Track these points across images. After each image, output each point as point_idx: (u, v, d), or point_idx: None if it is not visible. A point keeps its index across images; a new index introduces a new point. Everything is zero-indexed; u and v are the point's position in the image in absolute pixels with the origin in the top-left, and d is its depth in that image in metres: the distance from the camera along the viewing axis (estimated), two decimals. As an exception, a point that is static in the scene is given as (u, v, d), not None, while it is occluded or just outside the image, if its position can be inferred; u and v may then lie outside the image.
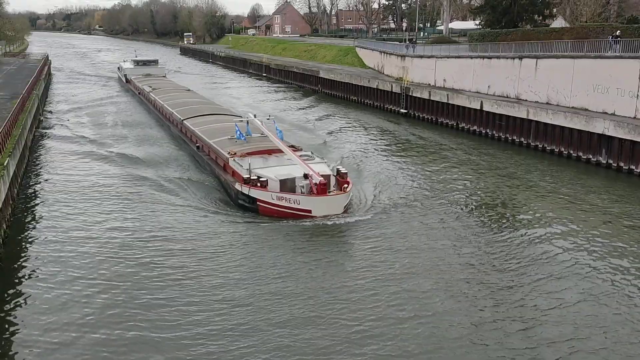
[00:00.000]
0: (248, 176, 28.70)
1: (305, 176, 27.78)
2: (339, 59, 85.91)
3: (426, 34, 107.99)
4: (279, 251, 23.70)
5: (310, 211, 26.86)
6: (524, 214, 28.46)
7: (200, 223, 26.90)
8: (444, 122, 52.15)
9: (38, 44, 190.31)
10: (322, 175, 27.39)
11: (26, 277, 21.51)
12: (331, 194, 27.78)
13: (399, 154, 41.81)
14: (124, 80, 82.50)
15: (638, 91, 36.64)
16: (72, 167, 37.64)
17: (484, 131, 47.17)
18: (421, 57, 60.15)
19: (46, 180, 34.52)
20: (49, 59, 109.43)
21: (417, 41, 75.83)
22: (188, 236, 25.25)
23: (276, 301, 19.55)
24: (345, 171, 30.28)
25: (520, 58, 46.61)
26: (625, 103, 37.52)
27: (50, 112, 60.41)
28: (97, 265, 22.25)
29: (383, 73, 69.77)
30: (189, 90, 64.90)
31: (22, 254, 23.58)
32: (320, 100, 70.31)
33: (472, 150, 42.64)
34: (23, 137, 37.49)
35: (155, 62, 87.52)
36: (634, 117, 36.74)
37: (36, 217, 28.07)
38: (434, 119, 53.59)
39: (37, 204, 29.96)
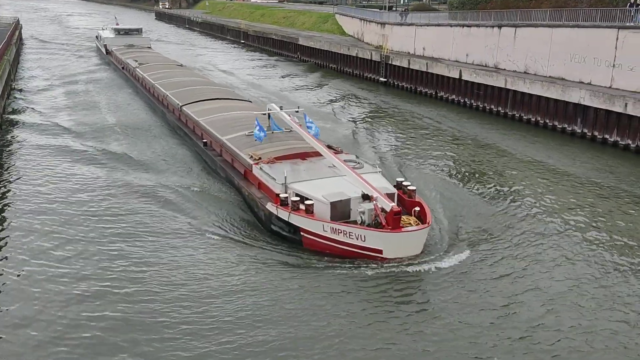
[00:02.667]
0: (286, 195, 21.81)
1: (365, 197, 20.78)
2: (318, 26, 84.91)
3: (406, 1, 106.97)
4: (338, 312, 17.14)
5: (380, 251, 19.91)
6: (518, 189, 28.93)
7: (218, 258, 20.35)
8: (423, 91, 52.18)
9: (7, 7, 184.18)
10: (386, 194, 20.68)
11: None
12: (409, 228, 20.17)
13: (385, 129, 41.86)
14: (104, 52, 74.27)
15: (614, 61, 37.03)
16: (48, 141, 36.91)
17: (462, 100, 47.38)
18: (401, 25, 59.74)
19: (20, 146, 33.86)
20: (20, 23, 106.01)
21: (397, 8, 75.01)
22: (204, 282, 18.80)
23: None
24: (414, 188, 22.95)
25: (499, 27, 46.58)
26: (601, 72, 37.91)
27: (22, 90, 53.09)
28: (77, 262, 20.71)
29: (363, 41, 69.21)
30: (181, 65, 57.60)
31: (-2, 225, 23.33)
32: (299, 68, 69.66)
33: (452, 122, 42.93)
34: (-5, 105, 36.69)
35: (139, 30, 79.67)
36: (610, 87, 37.19)
37: (8, 188, 27.65)
38: (413, 88, 53.59)
39: (9, 174, 29.48)
